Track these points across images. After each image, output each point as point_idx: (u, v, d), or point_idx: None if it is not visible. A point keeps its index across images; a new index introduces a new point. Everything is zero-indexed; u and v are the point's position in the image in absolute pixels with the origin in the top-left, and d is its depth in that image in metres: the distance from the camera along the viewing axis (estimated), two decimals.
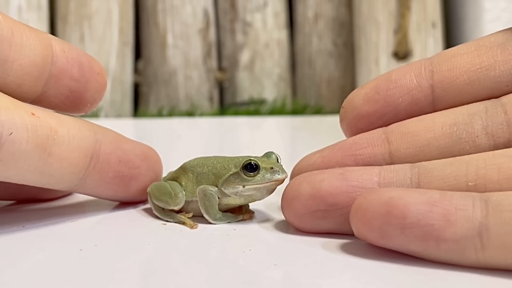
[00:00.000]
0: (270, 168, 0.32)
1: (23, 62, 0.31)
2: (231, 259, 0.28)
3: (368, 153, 0.32)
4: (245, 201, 0.34)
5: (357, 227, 0.27)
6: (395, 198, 0.26)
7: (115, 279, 0.26)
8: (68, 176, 0.32)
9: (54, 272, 0.27)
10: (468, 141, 0.31)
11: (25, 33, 0.31)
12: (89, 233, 0.33)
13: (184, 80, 0.92)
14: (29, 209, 0.37)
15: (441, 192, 0.26)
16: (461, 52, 0.32)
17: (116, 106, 0.90)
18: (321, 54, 0.95)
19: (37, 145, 0.30)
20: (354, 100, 0.34)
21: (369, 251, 0.28)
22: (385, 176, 0.30)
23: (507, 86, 0.31)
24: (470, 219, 0.25)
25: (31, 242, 0.31)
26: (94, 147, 0.32)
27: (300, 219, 0.31)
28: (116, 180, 0.34)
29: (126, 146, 0.35)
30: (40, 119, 0.30)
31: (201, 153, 0.38)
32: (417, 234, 0.26)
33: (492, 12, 0.84)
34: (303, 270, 0.27)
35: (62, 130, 0.31)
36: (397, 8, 0.88)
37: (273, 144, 0.69)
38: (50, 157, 0.30)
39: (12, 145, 0.28)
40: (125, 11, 0.91)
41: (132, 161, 0.35)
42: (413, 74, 0.33)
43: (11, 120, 0.28)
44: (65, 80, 0.33)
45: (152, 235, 0.32)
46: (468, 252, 0.25)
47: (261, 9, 0.93)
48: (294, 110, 0.92)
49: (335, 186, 0.30)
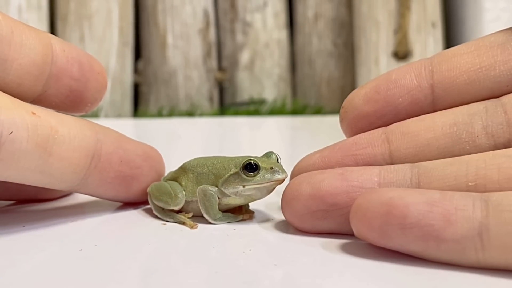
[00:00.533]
0: (270, 168, 0.32)
1: (23, 62, 0.31)
2: (231, 259, 0.28)
3: (368, 153, 0.32)
4: (245, 201, 0.34)
5: (357, 227, 0.27)
6: (395, 198, 0.26)
7: (115, 279, 0.26)
8: (69, 176, 0.32)
9: (54, 272, 0.27)
10: (468, 141, 0.31)
11: (25, 32, 0.31)
12: (89, 233, 0.33)
13: (184, 80, 0.92)
14: (29, 209, 0.37)
15: (441, 192, 0.26)
16: (461, 52, 0.32)
17: (116, 106, 0.90)
18: (321, 54, 0.95)
19: (38, 144, 0.29)
20: (354, 100, 0.34)
21: (369, 251, 0.28)
22: (385, 176, 0.30)
23: (507, 86, 0.31)
24: (470, 219, 0.25)
25: (31, 242, 0.31)
26: (95, 147, 0.32)
27: (300, 219, 0.31)
28: (118, 180, 0.34)
29: (128, 146, 0.35)
30: (41, 119, 0.30)
31: (201, 153, 0.38)
32: (417, 234, 0.26)
33: (492, 12, 0.84)
34: (303, 270, 0.27)
35: (63, 129, 0.31)
36: (397, 8, 0.88)
37: (273, 144, 0.69)
38: (51, 157, 0.30)
39: (12, 145, 0.28)
40: (125, 11, 0.91)
41: (134, 161, 0.35)
42: (413, 74, 0.33)
43: (11, 119, 0.28)
44: (65, 79, 0.33)
45: (152, 235, 0.32)
46: (468, 252, 0.25)
47: (261, 9, 0.93)
48: (294, 110, 0.92)
49: (335, 186, 0.30)
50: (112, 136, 0.34)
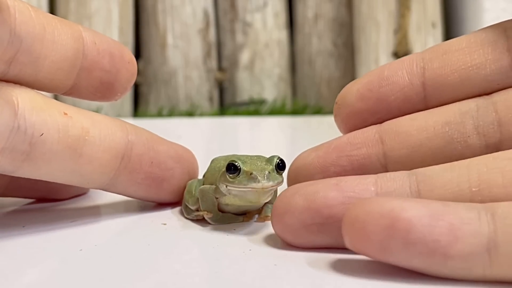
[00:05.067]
0: (250, 174, 0.30)
1: (55, 58, 0.30)
2: (231, 259, 0.28)
3: (363, 154, 0.32)
4: (243, 202, 0.32)
5: (354, 241, 0.25)
6: (397, 210, 0.24)
7: (115, 279, 0.26)
8: (98, 176, 0.32)
9: (54, 272, 0.27)
10: (460, 141, 0.30)
11: (57, 28, 0.30)
12: (89, 233, 0.33)
13: (184, 80, 0.92)
14: (29, 209, 0.37)
15: (444, 203, 0.25)
16: (453, 48, 0.32)
17: (116, 106, 0.90)
18: (321, 54, 0.95)
19: (68, 145, 0.30)
20: (347, 96, 0.34)
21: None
22: (382, 185, 0.28)
23: (498, 84, 0.31)
24: (477, 234, 0.24)
25: (31, 242, 0.31)
26: (126, 148, 0.32)
27: (294, 234, 0.29)
28: (147, 181, 0.34)
29: (160, 148, 0.34)
30: (72, 119, 0.30)
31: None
32: (422, 250, 0.24)
33: (492, 12, 0.84)
34: (303, 270, 0.27)
35: (94, 130, 0.31)
36: (397, 8, 0.88)
37: (273, 144, 0.69)
38: (81, 158, 0.30)
39: (43, 146, 0.29)
40: (125, 11, 0.91)
41: (165, 163, 0.34)
42: (405, 71, 0.32)
43: (42, 120, 0.29)
44: (96, 72, 0.33)
45: (152, 235, 0.32)
46: (475, 269, 0.24)
47: (261, 9, 0.93)
48: (294, 110, 0.92)
49: (331, 198, 0.28)
50: (144, 136, 0.34)
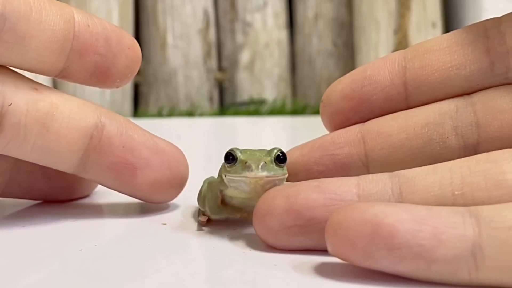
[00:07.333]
0: (245, 163, 0.30)
1: (43, 39, 0.30)
2: (231, 259, 0.28)
3: (345, 153, 0.32)
4: (241, 194, 0.32)
5: (336, 247, 0.25)
6: (380, 216, 0.24)
7: (115, 279, 0.26)
8: (67, 155, 0.32)
9: (54, 272, 0.27)
10: (439, 142, 0.31)
11: (45, 8, 0.30)
12: (89, 233, 0.33)
13: (184, 80, 0.92)
14: (29, 209, 0.37)
15: (427, 208, 0.25)
16: (434, 48, 0.32)
17: (116, 106, 0.90)
18: (321, 54, 0.95)
19: (36, 119, 0.30)
20: (331, 95, 0.34)
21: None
22: (364, 187, 0.28)
23: (477, 84, 0.31)
24: (462, 238, 0.24)
25: (31, 242, 0.31)
26: (96, 129, 0.32)
27: (275, 236, 0.29)
28: (118, 166, 0.33)
29: (135, 135, 0.34)
30: (42, 94, 0.30)
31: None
32: (406, 255, 0.24)
33: (492, 12, 0.84)
34: (303, 270, 0.27)
35: (64, 107, 0.31)
36: (397, 8, 0.88)
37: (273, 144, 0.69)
38: (48, 133, 0.31)
39: (12, 117, 0.29)
40: (125, 11, 0.91)
41: (139, 151, 0.34)
42: (387, 71, 0.33)
43: (12, 92, 0.29)
44: (89, 55, 0.32)
45: (152, 235, 0.32)
46: (460, 273, 0.24)
47: (261, 9, 0.93)
48: (294, 110, 0.92)
49: (312, 200, 0.28)
50: (118, 121, 0.34)
